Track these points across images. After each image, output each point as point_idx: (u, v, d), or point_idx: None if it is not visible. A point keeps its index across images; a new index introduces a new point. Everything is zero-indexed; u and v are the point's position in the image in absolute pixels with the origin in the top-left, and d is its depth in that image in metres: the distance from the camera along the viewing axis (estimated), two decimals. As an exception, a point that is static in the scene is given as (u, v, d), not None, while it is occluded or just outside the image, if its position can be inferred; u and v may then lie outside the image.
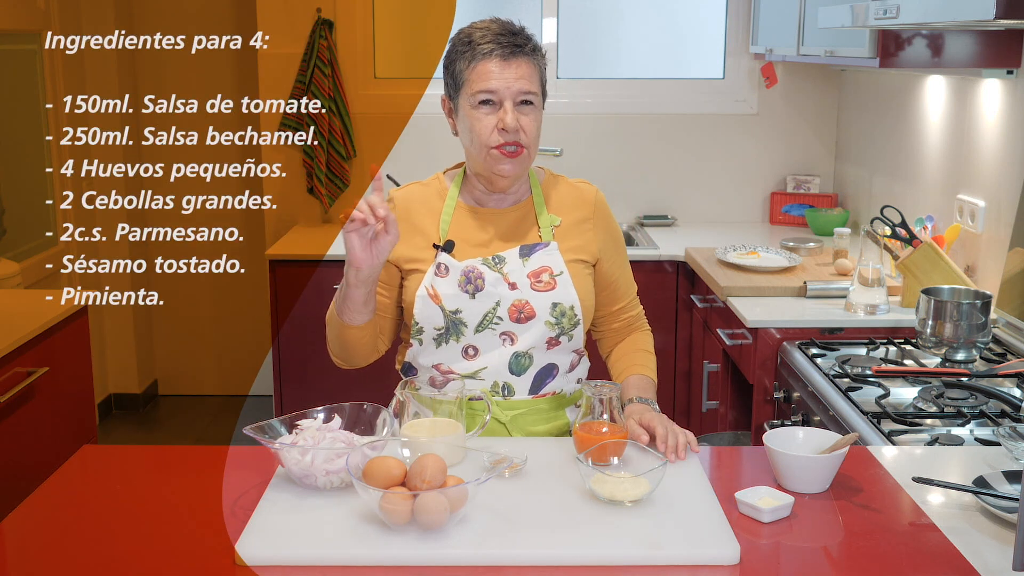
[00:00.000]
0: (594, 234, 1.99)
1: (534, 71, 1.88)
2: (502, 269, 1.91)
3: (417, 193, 2.00)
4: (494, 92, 1.85)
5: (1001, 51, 2.61)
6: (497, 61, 1.85)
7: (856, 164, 4.00)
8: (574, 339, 1.94)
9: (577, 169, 4.06)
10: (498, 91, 1.85)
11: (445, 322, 1.91)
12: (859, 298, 2.71)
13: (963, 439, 1.93)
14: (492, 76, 1.85)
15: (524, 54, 1.87)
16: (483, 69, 1.85)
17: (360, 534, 1.47)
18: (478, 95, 1.86)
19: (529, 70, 1.87)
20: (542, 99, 1.92)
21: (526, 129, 1.87)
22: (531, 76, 1.87)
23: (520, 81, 1.85)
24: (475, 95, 1.86)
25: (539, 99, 1.90)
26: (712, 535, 1.47)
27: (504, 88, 1.85)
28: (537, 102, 1.89)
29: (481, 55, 1.86)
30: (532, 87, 1.87)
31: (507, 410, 1.94)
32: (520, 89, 1.85)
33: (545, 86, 1.93)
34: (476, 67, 1.86)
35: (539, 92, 1.89)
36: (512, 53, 1.85)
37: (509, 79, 1.85)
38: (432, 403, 1.84)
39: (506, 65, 1.85)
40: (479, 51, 1.86)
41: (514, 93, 1.85)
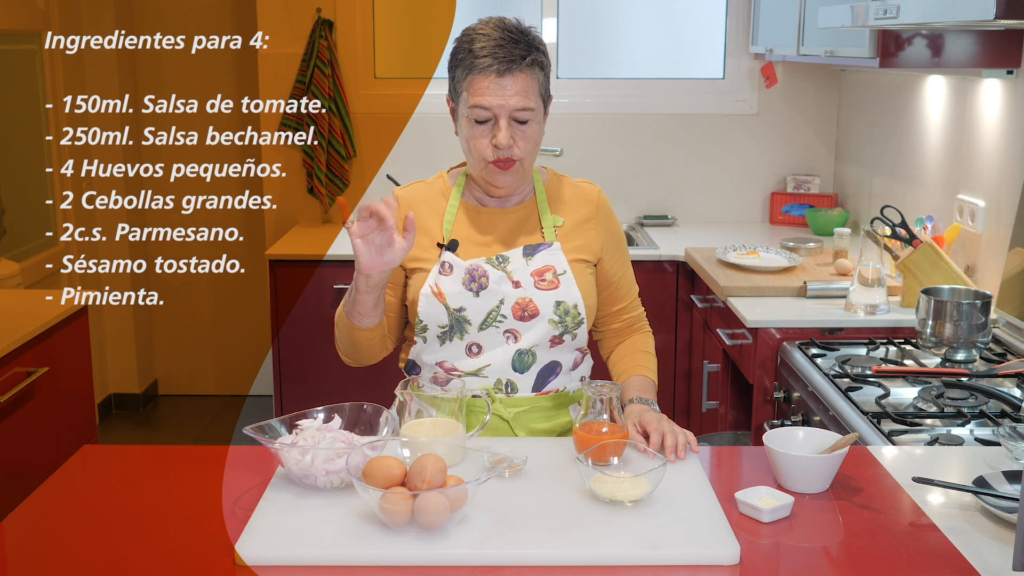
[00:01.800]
0: (596, 234, 1.99)
1: (531, 84, 1.84)
2: (506, 268, 1.92)
3: (421, 192, 2.01)
4: (488, 109, 1.83)
5: (1001, 51, 2.61)
6: (493, 77, 1.82)
7: (856, 164, 4.00)
8: (577, 338, 1.95)
9: (577, 169, 4.06)
10: (492, 108, 1.83)
11: (449, 320, 1.91)
12: (859, 298, 2.71)
13: (963, 439, 1.93)
14: (487, 92, 1.82)
15: (520, 68, 1.83)
16: (479, 84, 1.83)
17: (360, 534, 1.47)
18: (474, 111, 1.84)
19: (525, 84, 1.83)
20: (544, 107, 1.90)
21: (520, 145, 1.85)
22: (527, 91, 1.84)
23: (515, 98, 1.82)
24: (471, 109, 1.85)
25: (537, 112, 1.86)
26: (712, 535, 1.47)
27: (498, 105, 1.82)
28: (534, 116, 1.86)
29: (477, 69, 1.83)
30: (528, 103, 1.83)
31: (510, 407, 1.94)
32: (515, 106, 1.83)
33: (547, 93, 1.90)
34: (473, 80, 1.84)
35: (537, 106, 1.86)
36: (508, 68, 1.82)
37: (504, 96, 1.82)
38: (433, 401, 1.84)
39: (501, 82, 1.82)
40: (476, 64, 1.83)
41: (509, 110, 1.83)
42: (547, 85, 1.90)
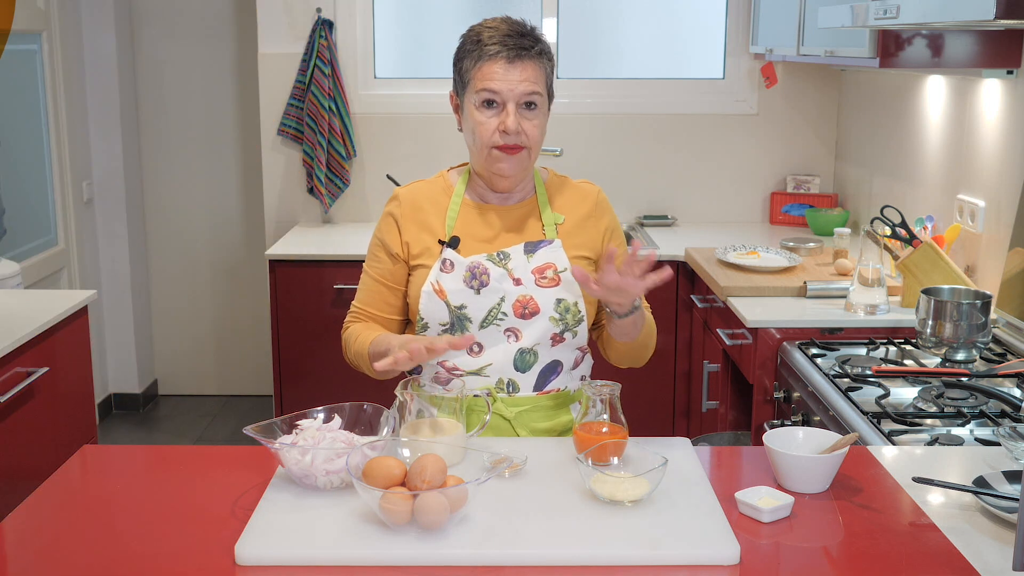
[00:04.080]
0: (596, 231, 2.01)
1: (539, 73, 1.89)
2: (507, 265, 1.93)
3: (423, 190, 2.02)
4: (497, 93, 1.87)
5: (1001, 51, 2.61)
6: (502, 63, 1.86)
7: (856, 164, 4.00)
8: (578, 336, 1.96)
9: (577, 169, 4.06)
10: (501, 92, 1.87)
11: (450, 317, 1.92)
12: (859, 298, 2.71)
13: (963, 439, 1.93)
14: (496, 77, 1.86)
15: (530, 56, 1.88)
16: (488, 70, 1.87)
17: (360, 534, 1.47)
18: (482, 94, 1.88)
19: (534, 72, 1.88)
20: (548, 101, 1.93)
21: (528, 132, 1.88)
22: (536, 78, 1.88)
23: (524, 83, 1.86)
24: (479, 94, 1.88)
25: (544, 101, 1.91)
26: (712, 535, 1.47)
27: (507, 90, 1.86)
28: (541, 104, 1.90)
29: (487, 56, 1.87)
30: (537, 88, 1.88)
31: (512, 407, 1.95)
32: (524, 91, 1.87)
33: (551, 88, 1.94)
34: (482, 67, 1.88)
35: (544, 94, 1.90)
36: (518, 55, 1.86)
37: (513, 81, 1.86)
38: (434, 400, 1.84)
39: (511, 67, 1.86)
40: (485, 52, 1.87)
41: (517, 95, 1.87)
42: (551, 81, 1.94)
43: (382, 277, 2.00)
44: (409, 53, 4.32)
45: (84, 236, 4.51)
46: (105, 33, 4.50)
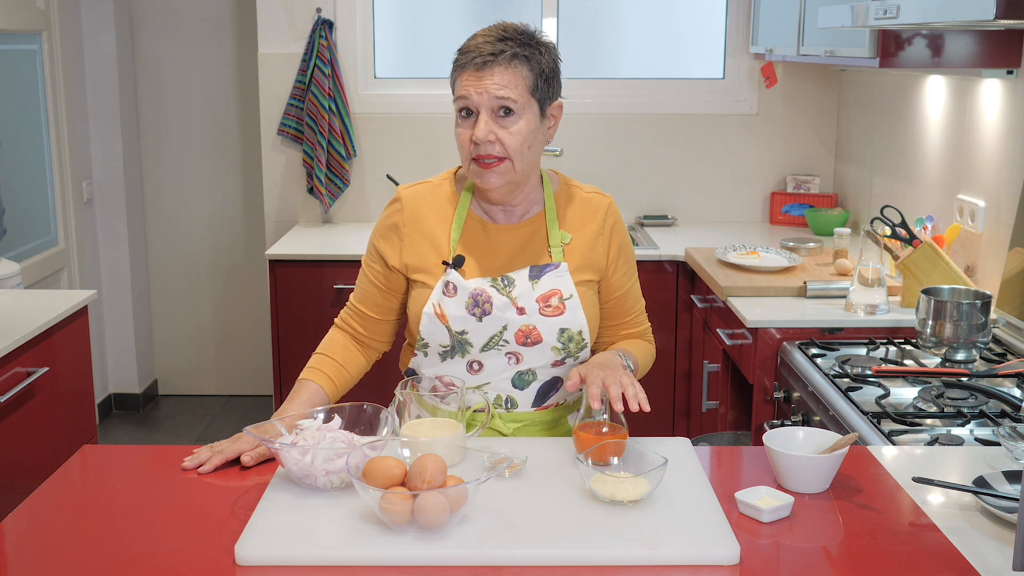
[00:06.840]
0: (604, 249, 1.95)
1: (514, 78, 1.80)
2: (511, 293, 1.88)
3: (427, 195, 1.95)
4: (467, 99, 1.81)
5: (1001, 51, 2.61)
6: (471, 71, 1.81)
7: (856, 164, 4.00)
8: (580, 357, 1.94)
9: (577, 169, 4.06)
10: (470, 98, 1.81)
11: (451, 341, 1.89)
12: (859, 298, 2.71)
13: (963, 439, 1.93)
14: (467, 85, 1.81)
15: (501, 61, 1.79)
16: (463, 79, 1.82)
17: (360, 534, 1.47)
18: (458, 103, 1.84)
19: (509, 78, 1.79)
20: (537, 106, 1.84)
21: (504, 140, 1.81)
22: (510, 83, 1.79)
23: (494, 88, 1.79)
24: (456, 103, 1.84)
25: (524, 106, 1.81)
26: (712, 535, 1.47)
27: (476, 97, 1.80)
28: (520, 110, 1.81)
29: (459, 65, 1.83)
30: (508, 94, 1.79)
31: (510, 422, 1.94)
32: (494, 95, 1.79)
33: (543, 92, 1.85)
34: (459, 77, 1.84)
35: (521, 99, 1.81)
36: (486, 62, 1.79)
37: (482, 87, 1.79)
38: (433, 411, 1.84)
39: (480, 74, 1.80)
40: (458, 61, 1.84)
41: (488, 102, 1.80)
42: (541, 84, 1.84)
43: (377, 280, 1.97)
44: (409, 53, 4.32)
45: (84, 236, 4.51)
46: (105, 33, 4.50)
